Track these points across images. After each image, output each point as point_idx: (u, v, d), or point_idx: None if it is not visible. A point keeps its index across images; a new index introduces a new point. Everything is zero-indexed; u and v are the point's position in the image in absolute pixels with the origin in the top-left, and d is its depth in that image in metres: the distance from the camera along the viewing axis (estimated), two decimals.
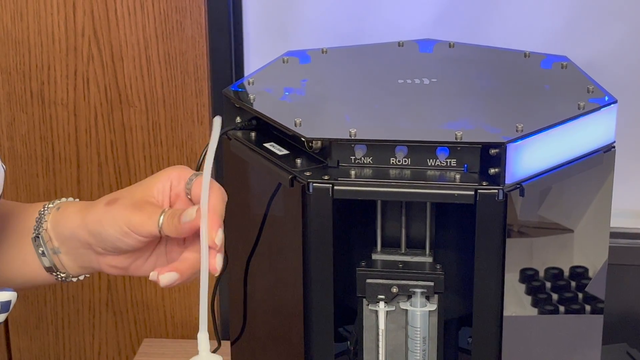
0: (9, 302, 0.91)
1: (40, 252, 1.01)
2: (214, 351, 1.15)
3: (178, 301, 1.77)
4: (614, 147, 1.08)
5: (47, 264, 1.01)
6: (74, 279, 1.03)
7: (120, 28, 1.61)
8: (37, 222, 1.01)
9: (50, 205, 1.02)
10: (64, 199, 1.04)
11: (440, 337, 1.05)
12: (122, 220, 0.95)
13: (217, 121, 1.00)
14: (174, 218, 0.93)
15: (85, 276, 1.04)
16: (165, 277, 0.93)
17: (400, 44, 1.30)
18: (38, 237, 1.01)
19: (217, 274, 0.92)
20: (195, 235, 0.92)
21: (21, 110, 1.67)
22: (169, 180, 0.98)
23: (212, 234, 0.90)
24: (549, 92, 1.14)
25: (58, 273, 1.02)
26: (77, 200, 1.04)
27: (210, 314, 0.96)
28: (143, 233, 0.95)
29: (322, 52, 1.27)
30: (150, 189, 0.98)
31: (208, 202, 0.91)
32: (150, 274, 0.93)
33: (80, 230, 0.99)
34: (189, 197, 0.96)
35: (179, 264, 0.94)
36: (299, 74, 1.21)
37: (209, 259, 0.90)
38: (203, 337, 0.89)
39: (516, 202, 1.00)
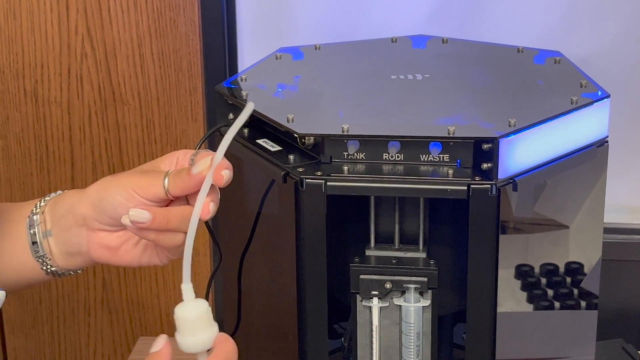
0: None
1: (31, 232, 1.00)
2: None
3: (173, 299, 1.77)
4: (607, 141, 1.08)
5: (36, 250, 1.01)
6: (62, 273, 1.03)
7: (114, 26, 1.61)
8: (34, 207, 1.02)
9: (53, 194, 1.02)
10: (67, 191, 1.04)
11: (435, 333, 1.05)
12: (128, 184, 0.94)
13: (250, 106, 0.95)
14: (181, 173, 0.93)
15: (75, 272, 1.03)
16: (135, 211, 0.92)
17: (393, 40, 1.30)
18: (34, 216, 1.01)
19: (206, 219, 0.92)
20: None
21: (15, 108, 1.67)
22: (175, 157, 0.98)
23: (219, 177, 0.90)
24: (542, 87, 1.14)
25: (45, 261, 1.01)
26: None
27: None
28: (148, 195, 0.94)
29: (315, 49, 1.27)
30: (157, 164, 0.98)
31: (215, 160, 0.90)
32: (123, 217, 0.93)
33: (79, 204, 0.98)
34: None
35: (160, 209, 0.93)
36: (292, 71, 1.21)
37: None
38: (187, 287, 0.88)
39: (511, 198, 1.00)
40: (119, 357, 1.82)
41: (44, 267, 1.02)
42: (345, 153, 1.02)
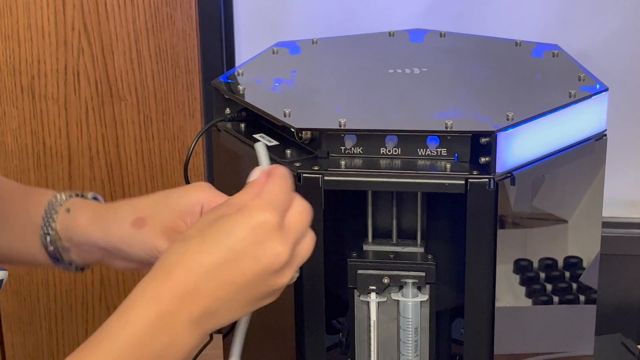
0: (1, 280, 0.90)
1: (50, 250, 1.00)
2: (206, 345, 1.15)
3: None
4: (605, 135, 1.08)
5: (54, 257, 1.01)
6: (76, 269, 1.02)
7: (110, 21, 1.61)
8: (44, 221, 1.00)
9: (58, 203, 1.00)
10: (71, 195, 1.02)
11: (433, 328, 1.04)
12: (153, 246, 0.93)
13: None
14: None
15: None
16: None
17: (390, 34, 1.30)
18: (47, 235, 1.00)
19: None
20: None
21: (12, 104, 1.66)
22: (199, 205, 0.94)
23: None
24: (540, 80, 1.14)
25: (62, 262, 1.01)
26: (84, 196, 1.02)
27: None
28: None
29: (312, 43, 1.26)
30: (180, 213, 0.94)
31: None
32: None
33: (101, 242, 0.97)
34: None
35: None
36: (289, 65, 1.20)
37: None
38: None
39: (509, 192, 0.99)
40: None
41: (60, 265, 1.01)
42: (343, 148, 1.01)
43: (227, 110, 1.12)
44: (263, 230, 0.81)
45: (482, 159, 0.98)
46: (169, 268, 0.81)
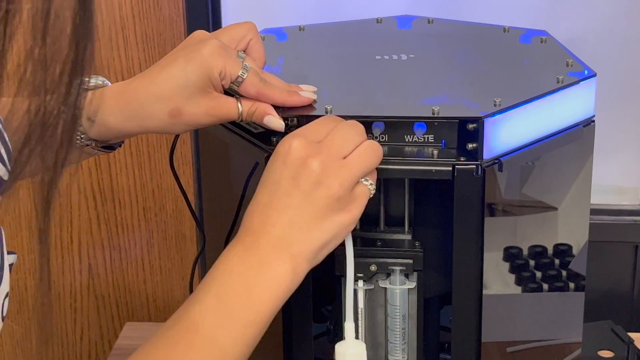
0: (11, 264, 0.90)
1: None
2: None
3: (160, 284, 1.76)
4: (593, 121, 1.07)
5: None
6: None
7: (96, 7, 1.59)
8: None
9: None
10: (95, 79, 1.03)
11: (420, 315, 1.04)
12: (196, 123, 1.00)
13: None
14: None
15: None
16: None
17: (378, 21, 1.29)
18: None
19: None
20: None
21: None
22: (217, 69, 0.98)
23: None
24: (528, 66, 1.13)
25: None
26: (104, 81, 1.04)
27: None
28: (221, 118, 1.00)
29: (300, 29, 1.26)
30: (204, 84, 0.98)
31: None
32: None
33: (140, 132, 1.02)
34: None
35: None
36: (276, 52, 1.19)
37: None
38: (349, 326, 0.96)
39: (498, 179, 0.99)
40: (106, 342, 1.81)
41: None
42: None
43: None
44: (292, 151, 0.90)
45: (470, 145, 0.98)
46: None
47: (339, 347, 0.96)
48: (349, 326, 0.96)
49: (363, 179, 0.92)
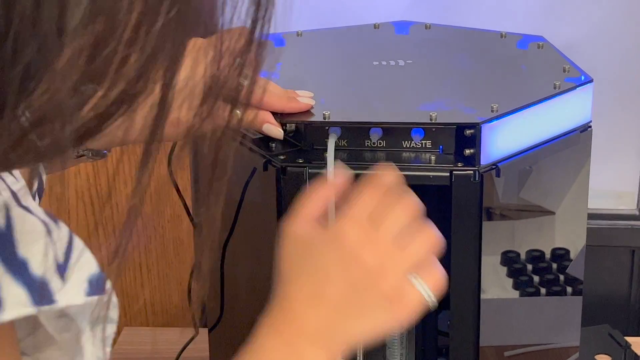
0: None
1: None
2: (192, 338, 1.15)
3: (158, 289, 1.76)
4: (590, 126, 1.08)
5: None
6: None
7: None
8: None
9: None
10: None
11: (418, 320, 1.04)
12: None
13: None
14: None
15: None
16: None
17: (376, 26, 1.29)
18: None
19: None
20: None
21: None
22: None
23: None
24: (525, 72, 1.14)
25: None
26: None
27: (188, 302, 0.95)
28: None
29: (297, 35, 1.26)
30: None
31: None
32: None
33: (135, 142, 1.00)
34: None
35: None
36: (274, 57, 1.19)
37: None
38: None
39: (498, 184, 0.99)
40: None
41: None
42: (327, 140, 1.01)
43: None
44: (346, 244, 0.84)
45: (467, 151, 0.98)
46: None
47: None
48: None
49: (418, 283, 0.86)
